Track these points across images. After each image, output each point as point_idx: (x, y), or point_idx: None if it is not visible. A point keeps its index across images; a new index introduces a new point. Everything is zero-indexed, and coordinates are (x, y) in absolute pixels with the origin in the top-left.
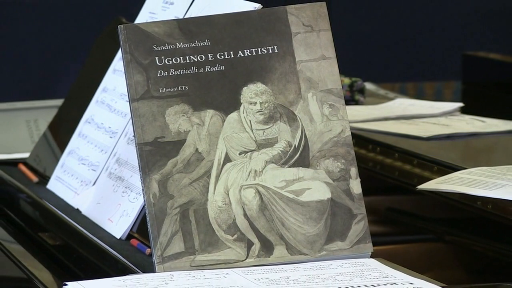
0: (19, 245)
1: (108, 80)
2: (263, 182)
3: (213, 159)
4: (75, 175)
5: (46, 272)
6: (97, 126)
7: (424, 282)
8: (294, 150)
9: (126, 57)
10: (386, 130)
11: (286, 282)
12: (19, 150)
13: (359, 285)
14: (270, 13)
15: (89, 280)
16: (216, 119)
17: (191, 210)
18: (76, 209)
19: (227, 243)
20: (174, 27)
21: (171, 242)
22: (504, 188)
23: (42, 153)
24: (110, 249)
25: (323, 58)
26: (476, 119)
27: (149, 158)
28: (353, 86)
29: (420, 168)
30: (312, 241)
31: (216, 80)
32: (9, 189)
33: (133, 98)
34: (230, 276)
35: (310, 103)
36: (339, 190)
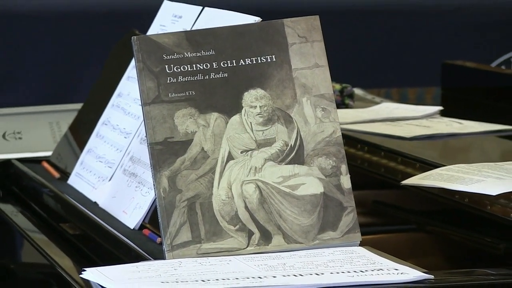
0: (43, 235)
1: (123, 86)
2: (262, 178)
3: (217, 157)
4: (93, 172)
5: (67, 259)
6: (113, 127)
7: (407, 268)
8: (290, 149)
9: (139, 65)
10: (373, 131)
11: (283, 268)
12: (43, 149)
13: (349, 271)
14: (268, 25)
15: (105, 266)
16: (220, 121)
17: (197, 203)
18: (94, 202)
19: (230, 233)
20: (182, 38)
21: (179, 232)
22: (479, 183)
23: (63, 152)
24: (125, 238)
25: (316, 66)
26: (454, 121)
27: (159, 156)
28: (343, 92)
29: (404, 165)
30: (306, 231)
31: (220, 86)
32: (34, 184)
33: (145, 102)
34: (233, 262)
35: (305, 107)
36: (330, 185)
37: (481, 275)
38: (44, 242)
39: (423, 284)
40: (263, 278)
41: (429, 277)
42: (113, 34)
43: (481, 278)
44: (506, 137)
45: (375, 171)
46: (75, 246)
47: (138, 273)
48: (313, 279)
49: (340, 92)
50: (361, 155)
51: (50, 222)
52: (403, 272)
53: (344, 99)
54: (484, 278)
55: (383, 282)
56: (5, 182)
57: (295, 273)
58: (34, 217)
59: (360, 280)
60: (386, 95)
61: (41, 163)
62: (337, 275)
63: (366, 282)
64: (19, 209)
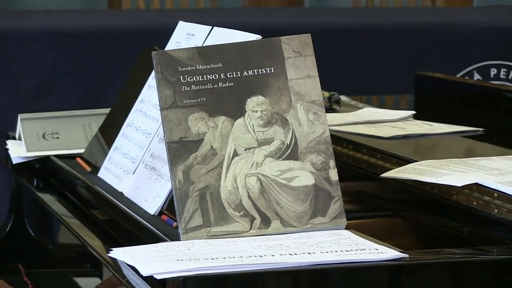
0: (76, 220)
1: (144, 94)
2: (262, 172)
3: (225, 154)
4: (119, 166)
5: (97, 240)
6: (136, 128)
7: (385, 248)
8: (287, 147)
9: (158, 76)
10: (356, 131)
11: (280, 248)
12: (77, 147)
13: (336, 250)
14: (268, 42)
15: (129, 247)
16: (227, 123)
17: (207, 193)
18: (120, 192)
19: (235, 218)
20: (194, 53)
21: (192, 217)
22: (446, 176)
23: (94, 149)
24: (146, 223)
25: (309, 76)
26: (425, 123)
27: (175, 153)
28: (331, 98)
29: (383, 160)
30: (300, 217)
31: (226, 93)
32: (69, 177)
33: (163, 107)
34: (238, 243)
35: (299, 111)
36: (321, 177)
37: (449, 254)
38: (77, 226)
39: (399, 262)
40: (263, 256)
41: (404, 256)
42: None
43: (448, 257)
44: (469, 137)
45: (358, 166)
46: (103, 229)
47: (157, 252)
48: (306, 257)
49: (328, 98)
50: (346, 152)
51: (82, 209)
52: (382, 251)
53: (332, 104)
54: (451, 256)
55: (365, 260)
56: (44, 175)
57: (290, 252)
58: (69, 205)
59: (346, 259)
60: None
61: (75, 159)
62: (326, 254)
63: (351, 260)
64: (57, 198)
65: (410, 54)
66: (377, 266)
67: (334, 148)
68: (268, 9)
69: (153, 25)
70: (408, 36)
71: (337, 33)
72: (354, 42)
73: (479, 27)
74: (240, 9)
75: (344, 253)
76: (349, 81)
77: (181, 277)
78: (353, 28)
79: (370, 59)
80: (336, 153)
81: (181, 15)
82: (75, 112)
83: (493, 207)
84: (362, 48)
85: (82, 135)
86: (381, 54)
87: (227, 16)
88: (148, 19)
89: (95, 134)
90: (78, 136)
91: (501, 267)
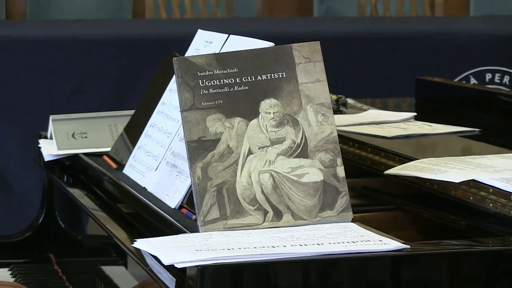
0: (103, 213)
1: (166, 96)
2: (275, 169)
3: (240, 152)
4: (143, 163)
5: (122, 232)
6: (158, 128)
7: (389, 239)
8: (297, 146)
9: (178, 80)
10: (361, 132)
11: (291, 239)
12: (104, 146)
13: (343, 241)
14: (280, 49)
15: (152, 238)
16: (242, 124)
17: (224, 188)
18: (143, 187)
19: (249, 211)
20: (212, 59)
21: (210, 211)
22: (445, 173)
23: (119, 148)
24: (167, 216)
25: (318, 81)
26: (425, 124)
27: (194, 151)
28: (338, 101)
29: (386, 158)
30: (309, 210)
31: (242, 96)
32: (96, 173)
33: (183, 109)
34: (252, 235)
35: (309, 113)
36: (329, 174)
37: (447, 245)
38: (104, 218)
39: (401, 252)
40: (276, 247)
41: (406, 246)
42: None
43: (447, 248)
44: (466, 137)
45: (363, 163)
46: (128, 221)
47: (178, 243)
48: (315, 248)
49: (336, 101)
50: (352, 151)
51: (109, 203)
52: (385, 243)
53: (339, 107)
54: (450, 247)
55: (370, 250)
56: (74, 172)
57: (301, 243)
58: (97, 199)
59: (352, 249)
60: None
61: (102, 157)
62: (334, 245)
63: (357, 251)
64: (85, 193)
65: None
66: (381, 256)
67: (341, 147)
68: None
69: (174, 33)
70: (409, 43)
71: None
72: (360, 48)
73: (475, 35)
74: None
75: (351, 244)
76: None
77: (200, 266)
78: (359, 36)
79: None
80: (343, 152)
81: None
82: (102, 113)
83: (488, 201)
84: (367, 54)
85: (108, 135)
86: (385, 60)
87: (242, 25)
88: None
89: (121, 133)
90: (105, 136)
91: (496, 257)
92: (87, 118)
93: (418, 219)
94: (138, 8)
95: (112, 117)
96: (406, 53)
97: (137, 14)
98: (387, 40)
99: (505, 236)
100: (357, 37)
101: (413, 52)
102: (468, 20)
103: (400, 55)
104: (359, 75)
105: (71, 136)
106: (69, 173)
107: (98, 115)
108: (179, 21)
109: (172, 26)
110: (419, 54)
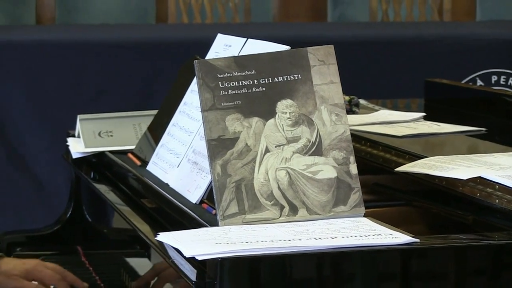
0: (128, 207)
1: (187, 97)
2: (291, 166)
3: (257, 150)
4: (165, 161)
5: (146, 225)
6: (180, 128)
7: (399, 233)
8: (312, 144)
9: (199, 81)
10: (373, 131)
11: (307, 233)
12: (128, 144)
13: (356, 235)
14: (295, 52)
15: (174, 231)
16: (259, 123)
17: (242, 185)
18: (166, 183)
19: (266, 206)
20: (231, 62)
21: (229, 206)
22: (453, 170)
23: (143, 146)
24: (188, 211)
25: (331, 82)
26: (434, 124)
27: (214, 149)
28: (351, 102)
29: (396, 156)
30: (324, 206)
31: (259, 97)
32: (121, 170)
33: (204, 109)
34: (269, 229)
35: (323, 113)
36: (342, 171)
37: (455, 239)
38: (129, 212)
39: (411, 245)
40: (292, 240)
41: (415, 240)
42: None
43: (455, 241)
44: (473, 136)
45: (375, 161)
46: (151, 216)
47: (199, 236)
48: (329, 241)
49: (349, 102)
50: (365, 149)
51: (133, 198)
52: (396, 236)
53: (352, 107)
54: (457, 241)
55: (381, 244)
56: (100, 168)
57: (315, 237)
58: (122, 194)
59: (364, 243)
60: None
61: (127, 154)
62: (347, 238)
63: (369, 244)
64: (111, 188)
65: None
66: (392, 249)
67: (353, 145)
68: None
69: (195, 37)
70: (418, 47)
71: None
72: (371, 52)
73: (482, 39)
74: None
75: (363, 237)
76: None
77: (219, 258)
78: (371, 40)
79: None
80: (356, 150)
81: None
82: (127, 113)
83: (494, 198)
84: (378, 57)
85: (133, 133)
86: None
87: (259, 30)
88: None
89: (144, 132)
90: (129, 134)
91: (501, 250)
92: (112, 118)
93: (427, 214)
94: (161, 13)
95: (136, 117)
96: (415, 56)
97: (160, 19)
98: (398, 44)
99: (510, 230)
100: (369, 41)
101: (422, 55)
102: (475, 24)
103: (409, 58)
104: (371, 77)
105: (98, 134)
106: (95, 170)
107: (123, 114)
108: (200, 25)
109: (193, 31)
110: (428, 57)
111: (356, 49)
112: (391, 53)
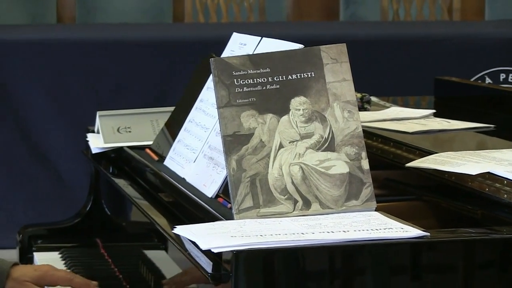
0: (146, 201)
1: (203, 94)
2: (304, 161)
3: (272, 146)
4: (182, 156)
5: (163, 219)
6: (196, 124)
7: (410, 227)
8: (325, 140)
9: (215, 79)
10: (384, 127)
11: (320, 226)
12: (146, 140)
13: (367, 229)
14: (309, 50)
15: (190, 225)
16: (273, 120)
17: (257, 179)
18: (182, 178)
19: (280, 201)
20: (246, 60)
21: (244, 200)
22: (462, 166)
23: (161, 141)
24: (205, 204)
25: (344, 80)
26: (443, 120)
27: (230, 145)
28: (363, 99)
29: (407, 152)
30: (336, 200)
31: (273, 94)
32: (139, 165)
33: (219, 106)
34: (283, 222)
35: (335, 110)
36: (354, 166)
37: (464, 233)
38: (146, 206)
39: (422, 239)
40: (305, 234)
41: (426, 234)
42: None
43: (464, 235)
44: (481, 132)
45: (386, 157)
46: (168, 209)
47: (214, 230)
48: (341, 235)
49: (360, 99)
50: (376, 145)
51: (151, 192)
52: (407, 230)
53: (363, 104)
54: (466, 235)
55: (392, 237)
56: (119, 163)
57: (328, 230)
58: (140, 188)
59: (376, 236)
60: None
61: (144, 150)
62: (359, 232)
63: (380, 238)
64: (129, 183)
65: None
66: (402, 242)
67: (365, 141)
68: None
69: (211, 36)
70: (428, 46)
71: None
72: (382, 50)
73: (490, 38)
74: (285, 22)
75: (374, 231)
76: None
77: (235, 251)
78: (382, 39)
79: (396, 65)
80: (367, 146)
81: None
82: (145, 109)
83: (502, 192)
84: (389, 56)
85: (150, 129)
86: (405, 61)
87: (273, 29)
88: (207, 31)
89: (162, 128)
90: (147, 130)
91: (510, 244)
92: (131, 114)
93: (437, 208)
94: (178, 13)
95: (154, 113)
96: (425, 55)
97: (177, 18)
98: (408, 43)
99: None
100: (380, 40)
101: (432, 54)
102: (484, 24)
103: (419, 57)
104: (382, 75)
105: (116, 130)
106: (114, 165)
107: (141, 111)
108: (215, 25)
109: (209, 30)
110: (438, 55)
111: (367, 48)
112: (401, 51)
